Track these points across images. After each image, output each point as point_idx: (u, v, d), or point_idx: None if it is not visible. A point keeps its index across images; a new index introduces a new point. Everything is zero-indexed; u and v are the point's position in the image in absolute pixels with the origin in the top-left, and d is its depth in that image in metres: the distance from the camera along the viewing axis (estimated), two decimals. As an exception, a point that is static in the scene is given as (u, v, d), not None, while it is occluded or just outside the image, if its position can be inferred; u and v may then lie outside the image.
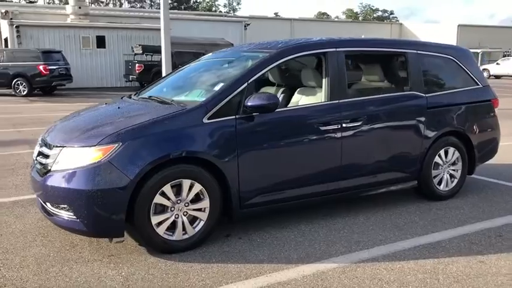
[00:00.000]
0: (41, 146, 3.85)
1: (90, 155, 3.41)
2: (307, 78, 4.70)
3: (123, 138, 3.43)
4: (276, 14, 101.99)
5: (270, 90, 5.23)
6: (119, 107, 4.19)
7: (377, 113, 4.49)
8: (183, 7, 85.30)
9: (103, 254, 3.64)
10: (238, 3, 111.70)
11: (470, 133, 5.09)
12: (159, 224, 3.55)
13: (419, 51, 4.89)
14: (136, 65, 20.23)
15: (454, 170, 5.09)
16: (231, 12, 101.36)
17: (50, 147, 3.70)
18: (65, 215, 3.51)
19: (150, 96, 4.39)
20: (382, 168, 4.59)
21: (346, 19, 67.54)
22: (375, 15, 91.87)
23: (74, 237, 3.93)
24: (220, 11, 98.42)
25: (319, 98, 4.38)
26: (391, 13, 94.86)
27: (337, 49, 4.37)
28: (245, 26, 30.96)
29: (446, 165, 5.03)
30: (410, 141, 4.71)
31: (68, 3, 25.99)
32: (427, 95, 4.81)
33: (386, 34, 54.19)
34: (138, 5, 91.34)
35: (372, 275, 3.32)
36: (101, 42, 22.68)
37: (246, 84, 3.88)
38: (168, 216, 3.58)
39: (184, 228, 3.65)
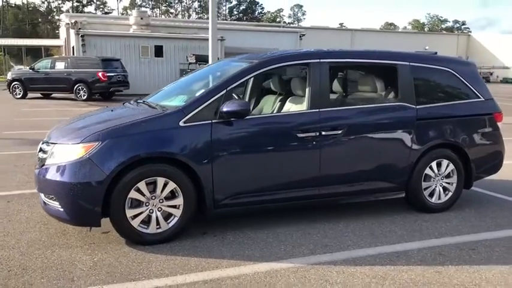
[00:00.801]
0: (42, 143, 4.32)
1: (75, 151, 3.82)
2: (295, 88, 4.90)
3: (103, 138, 3.81)
4: (341, 24, 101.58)
5: (271, 98, 5.48)
6: (112, 110, 4.62)
7: (360, 123, 4.60)
8: (245, 18, 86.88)
9: (85, 242, 4.04)
10: (303, 14, 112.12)
11: (466, 146, 5.03)
12: (134, 217, 3.89)
13: (412, 63, 4.92)
14: (190, 73, 21.00)
15: (448, 183, 5.05)
16: (296, 22, 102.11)
17: (48, 144, 4.15)
18: (54, 204, 3.94)
19: (144, 101, 4.78)
20: (365, 178, 4.67)
21: (412, 30, 65.84)
22: (443, 25, 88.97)
23: (67, 225, 4.35)
24: (285, 22, 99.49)
25: (303, 106, 4.56)
26: (463, 24, 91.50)
27: (321, 60, 4.53)
28: (300, 37, 31.24)
29: (439, 178, 5.00)
30: (397, 151, 4.75)
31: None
32: (417, 107, 4.83)
33: (452, 45, 52.43)
34: (206, 16, 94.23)
35: (321, 276, 3.46)
36: (158, 51, 23.81)
37: (224, 91, 4.16)
38: (142, 211, 3.91)
39: (158, 223, 3.97)
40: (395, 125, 4.74)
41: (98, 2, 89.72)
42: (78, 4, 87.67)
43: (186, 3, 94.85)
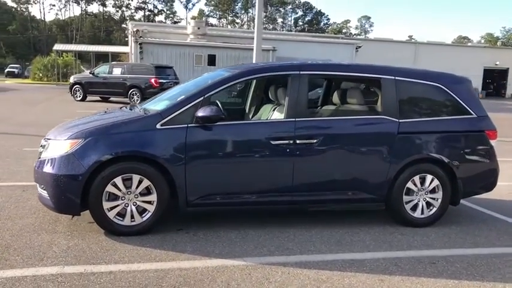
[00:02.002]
0: (43, 140, 4.84)
1: (63, 147, 4.29)
2: (280, 97, 5.13)
3: (85, 135, 4.25)
4: (410, 37, 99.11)
5: (269, 107, 5.74)
6: (105, 112, 5.07)
7: (337, 134, 4.74)
8: (306, 29, 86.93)
9: (70, 229, 4.48)
10: (370, 26, 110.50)
11: (452, 162, 5.00)
12: (110, 209, 4.28)
13: (397, 78, 4.99)
14: (238, 82, 21.56)
15: (432, 198, 5.04)
16: (362, 34, 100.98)
17: (46, 140, 4.66)
18: (43, 194, 4.42)
19: (134, 105, 5.19)
20: (341, 187, 4.78)
21: (481, 44, 63.08)
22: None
23: (62, 214, 4.81)
24: (351, 33, 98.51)
25: (282, 115, 4.78)
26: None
27: (301, 72, 4.73)
28: (356, 48, 31.05)
29: (423, 192, 5.01)
30: (375, 163, 4.82)
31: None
32: (400, 120, 4.88)
33: (524, 60, 49.83)
34: (271, 26, 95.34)
35: (264, 274, 3.67)
36: (211, 60, 24.68)
37: (202, 98, 4.48)
38: (118, 204, 4.30)
39: (132, 216, 4.34)
40: (375, 137, 4.83)
41: (167, 12, 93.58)
42: (149, 13, 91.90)
43: (252, 13, 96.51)
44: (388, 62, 7.14)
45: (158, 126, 4.35)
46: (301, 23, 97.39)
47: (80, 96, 21.10)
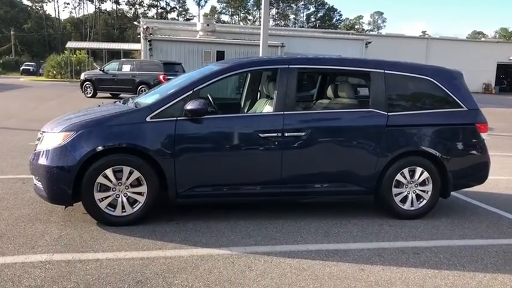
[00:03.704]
0: (40, 133, 4.98)
1: (56, 139, 4.41)
2: (271, 91, 5.20)
3: (77, 128, 4.37)
4: (423, 32, 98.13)
5: (263, 101, 5.82)
6: (99, 105, 5.19)
7: (325, 127, 4.80)
8: (317, 25, 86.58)
9: (64, 219, 4.62)
10: (383, 21, 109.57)
11: (442, 155, 5.02)
12: (102, 200, 4.40)
13: (386, 71, 5.03)
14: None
15: (422, 190, 5.07)
16: (375, 30, 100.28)
17: (42, 133, 4.79)
18: (38, 185, 4.55)
19: (128, 100, 5.31)
20: (329, 179, 4.84)
21: (493, 39, 62.23)
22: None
23: (57, 205, 4.95)
24: (363, 29, 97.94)
25: (272, 108, 4.85)
26: None
27: (289, 66, 4.80)
28: (366, 44, 30.90)
29: (413, 185, 5.04)
30: (364, 156, 4.87)
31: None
32: (388, 114, 4.93)
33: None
34: (283, 23, 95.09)
35: (247, 263, 3.75)
36: (220, 56, 24.76)
37: (191, 91, 4.57)
38: (110, 195, 4.41)
39: (123, 207, 4.45)
40: (363, 130, 4.87)
41: (180, 9, 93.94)
42: (162, 11, 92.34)
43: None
44: (399, 58, 7.18)
45: (148, 119, 4.45)
46: (313, 19, 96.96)
47: (90, 93, 21.37)
